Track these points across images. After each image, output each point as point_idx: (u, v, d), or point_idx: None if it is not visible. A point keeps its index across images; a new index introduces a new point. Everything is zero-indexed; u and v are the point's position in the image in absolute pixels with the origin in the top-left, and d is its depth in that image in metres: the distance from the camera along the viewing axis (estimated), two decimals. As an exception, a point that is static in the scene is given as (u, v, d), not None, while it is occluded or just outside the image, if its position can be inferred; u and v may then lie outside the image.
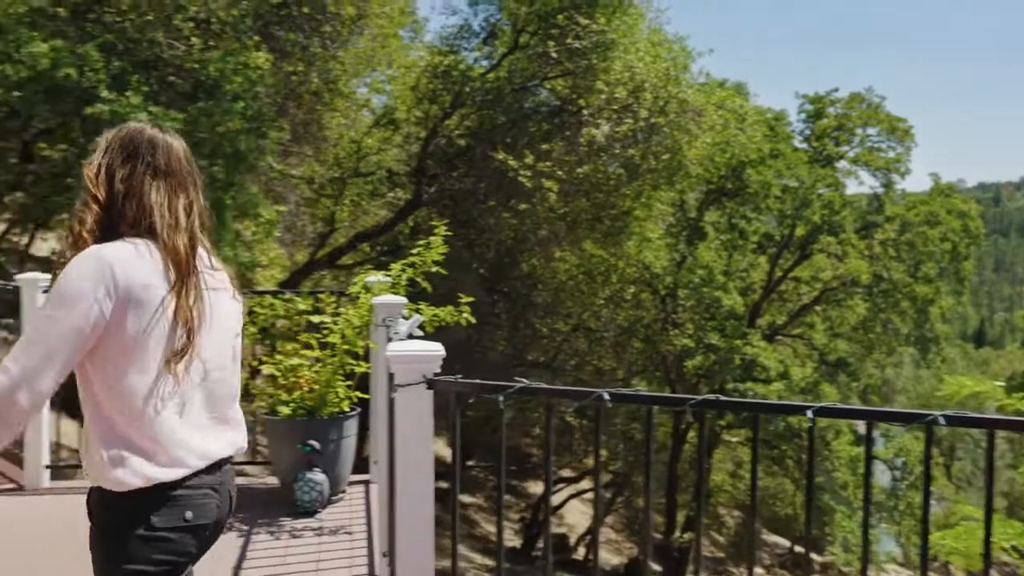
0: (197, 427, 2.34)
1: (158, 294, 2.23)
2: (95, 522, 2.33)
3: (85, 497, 2.37)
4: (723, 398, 2.65)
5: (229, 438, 2.46)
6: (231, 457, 2.47)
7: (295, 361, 5.95)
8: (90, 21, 11.81)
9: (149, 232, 2.29)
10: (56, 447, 6.68)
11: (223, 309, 2.44)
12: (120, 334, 2.20)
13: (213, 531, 2.41)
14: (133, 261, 2.23)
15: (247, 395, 5.91)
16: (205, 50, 12.05)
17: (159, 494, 2.25)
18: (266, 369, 5.97)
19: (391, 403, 3.43)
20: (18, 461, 6.02)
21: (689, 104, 16.92)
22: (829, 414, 2.80)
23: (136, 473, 2.23)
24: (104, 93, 10.53)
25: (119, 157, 2.33)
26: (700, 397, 2.55)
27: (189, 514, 2.28)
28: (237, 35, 12.57)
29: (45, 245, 22.05)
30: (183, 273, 2.28)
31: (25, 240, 18.84)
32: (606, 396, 2.69)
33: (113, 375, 2.22)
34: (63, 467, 6.52)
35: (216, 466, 2.39)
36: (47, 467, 5.91)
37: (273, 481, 6.12)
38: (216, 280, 2.44)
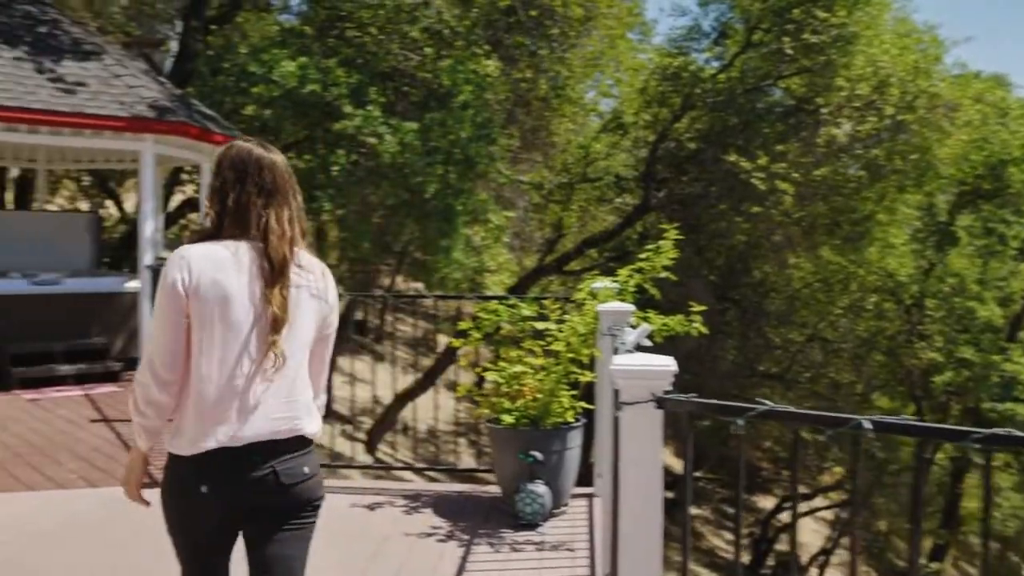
0: (258, 410, 2.54)
1: (234, 288, 2.51)
2: None
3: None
4: (1015, 433, 2.18)
5: (294, 424, 2.60)
6: (294, 440, 2.61)
7: (519, 368, 5.84)
8: (333, 37, 12.38)
9: (257, 239, 2.58)
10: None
11: (304, 305, 2.63)
12: (198, 320, 2.50)
13: (250, 508, 2.57)
14: (212, 259, 2.53)
15: (471, 400, 5.87)
16: (437, 59, 12.34)
17: (193, 462, 2.51)
18: (489, 376, 5.89)
19: (616, 421, 3.19)
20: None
21: (941, 99, 15.63)
22: None
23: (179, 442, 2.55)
24: (347, 107, 10.99)
25: (231, 177, 2.62)
26: (987, 431, 2.12)
27: (205, 488, 2.50)
28: (468, 43, 12.79)
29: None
30: (281, 275, 2.55)
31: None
32: (867, 425, 2.31)
33: (195, 354, 2.52)
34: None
35: (266, 447, 2.55)
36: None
37: (495, 490, 6.04)
38: (302, 278, 2.65)
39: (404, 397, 17.92)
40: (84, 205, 18.57)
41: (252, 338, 2.52)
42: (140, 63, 11.51)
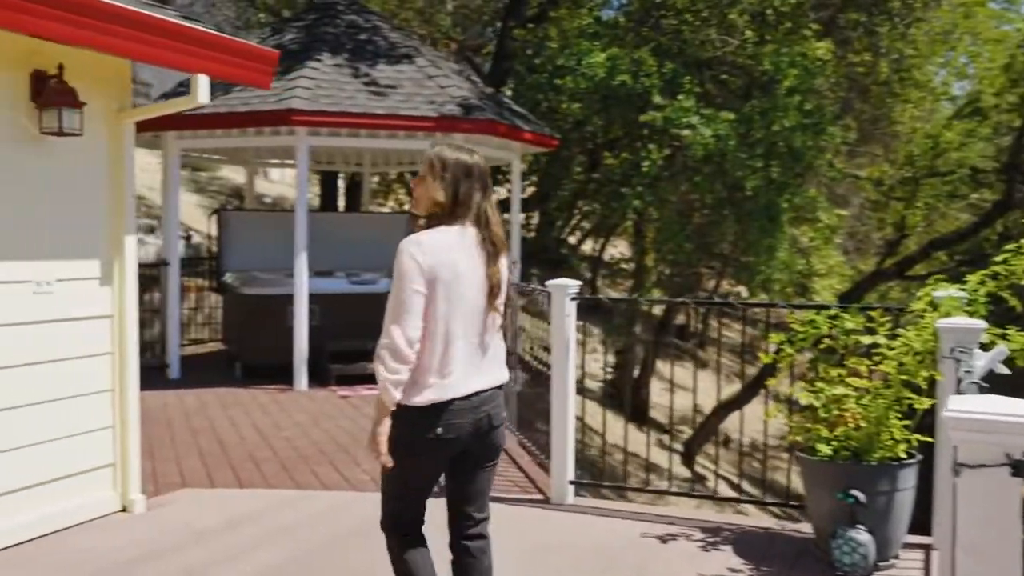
0: (480, 365, 3.09)
1: (462, 266, 3.00)
2: None
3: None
4: None
5: (499, 375, 3.18)
6: (496, 389, 3.16)
7: (839, 391, 4.90)
8: (646, 27, 11.80)
9: (474, 225, 3.06)
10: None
11: (504, 278, 3.16)
12: (434, 292, 2.95)
13: (466, 447, 3.08)
14: (444, 243, 3.00)
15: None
16: (759, 44, 11.36)
17: (430, 410, 2.98)
18: (803, 398, 5.00)
19: (953, 488, 2.28)
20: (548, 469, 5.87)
21: None
22: None
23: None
24: (656, 98, 10.37)
25: (459, 174, 3.05)
26: None
27: (440, 431, 2.99)
28: (795, 25, 11.67)
29: (615, 251, 23.35)
30: (499, 255, 3.09)
31: (587, 245, 20.00)
32: None
33: (431, 321, 2.96)
34: (587, 484, 6.26)
35: (483, 396, 3.08)
36: (571, 483, 5.65)
37: (807, 530, 5.14)
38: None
39: (726, 407, 16.99)
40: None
41: (476, 306, 3.05)
42: (452, 64, 11.64)
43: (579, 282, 5.63)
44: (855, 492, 4.56)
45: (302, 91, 8.92)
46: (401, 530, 3.17)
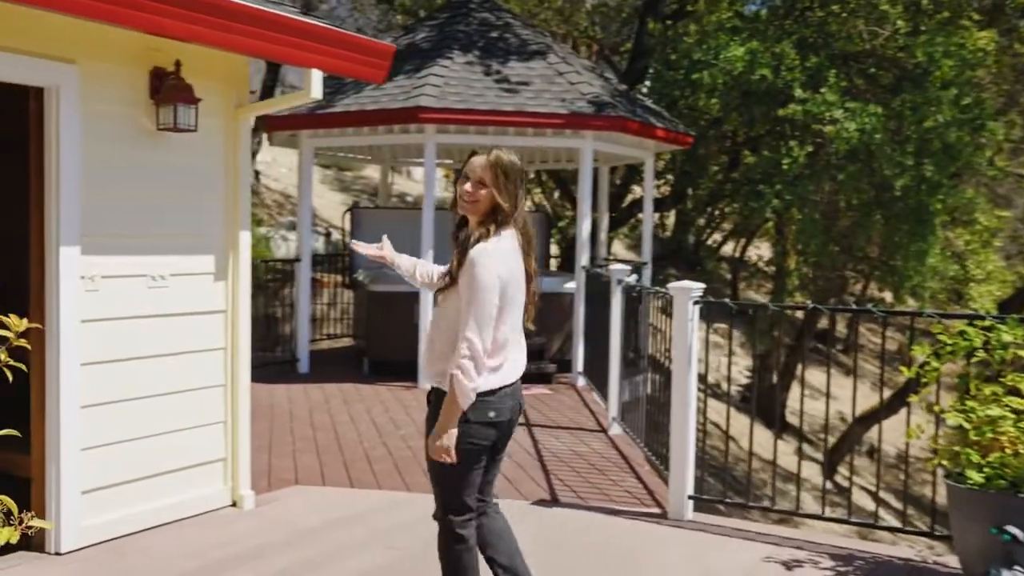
0: (521, 355, 3.30)
1: (517, 271, 3.17)
2: None
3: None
4: None
5: (524, 363, 3.33)
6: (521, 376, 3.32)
7: (994, 412, 4.41)
8: (789, 19, 11.24)
9: (515, 228, 3.19)
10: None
11: None
12: (503, 297, 3.10)
13: (508, 430, 3.29)
14: (512, 251, 3.16)
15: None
16: (911, 34, 10.63)
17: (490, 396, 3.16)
18: (951, 419, 4.53)
19: None
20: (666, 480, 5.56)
21: None
22: None
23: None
24: (798, 92, 9.84)
25: (518, 181, 3.17)
26: None
27: (492, 413, 3.17)
28: (953, 13, 10.86)
29: (757, 252, 22.55)
30: (532, 249, 3.26)
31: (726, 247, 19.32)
32: None
33: (498, 322, 3.11)
34: (707, 500, 5.90)
35: (519, 382, 3.29)
36: (690, 498, 5.33)
37: (954, 564, 4.66)
38: None
39: (870, 416, 16.13)
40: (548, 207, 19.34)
41: (521, 303, 3.23)
42: (585, 60, 11.39)
43: (703, 285, 5.30)
44: (1013, 529, 4.09)
45: (431, 88, 8.87)
46: (458, 525, 3.25)
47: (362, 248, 3.69)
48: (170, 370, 4.68)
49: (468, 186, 3.14)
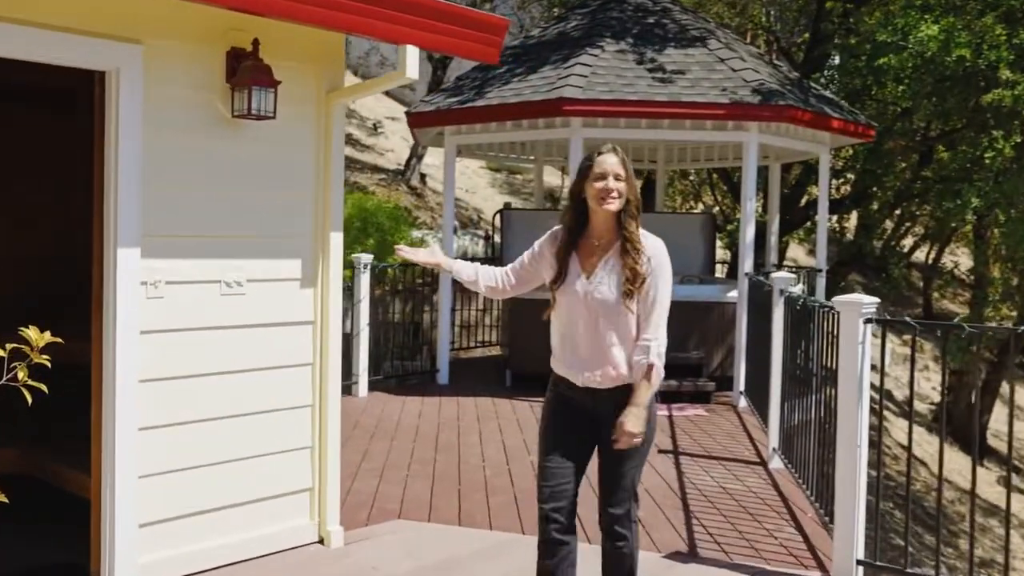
0: None
1: None
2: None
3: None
4: None
5: None
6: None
7: None
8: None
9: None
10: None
11: None
12: None
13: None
14: None
15: None
16: None
17: None
18: None
19: None
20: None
21: None
22: None
23: None
24: (1005, 74, 8.48)
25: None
26: None
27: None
28: None
29: (952, 258, 20.49)
30: None
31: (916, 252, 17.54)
32: None
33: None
34: (882, 568, 4.83)
35: None
36: (859, 563, 4.35)
37: None
38: None
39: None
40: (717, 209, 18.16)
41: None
42: (751, 46, 10.36)
43: (875, 300, 4.31)
44: None
45: (576, 79, 8.14)
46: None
47: (410, 254, 3.35)
48: (246, 388, 4.15)
49: (611, 182, 3.11)
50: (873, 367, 4.74)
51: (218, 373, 4.05)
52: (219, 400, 4.06)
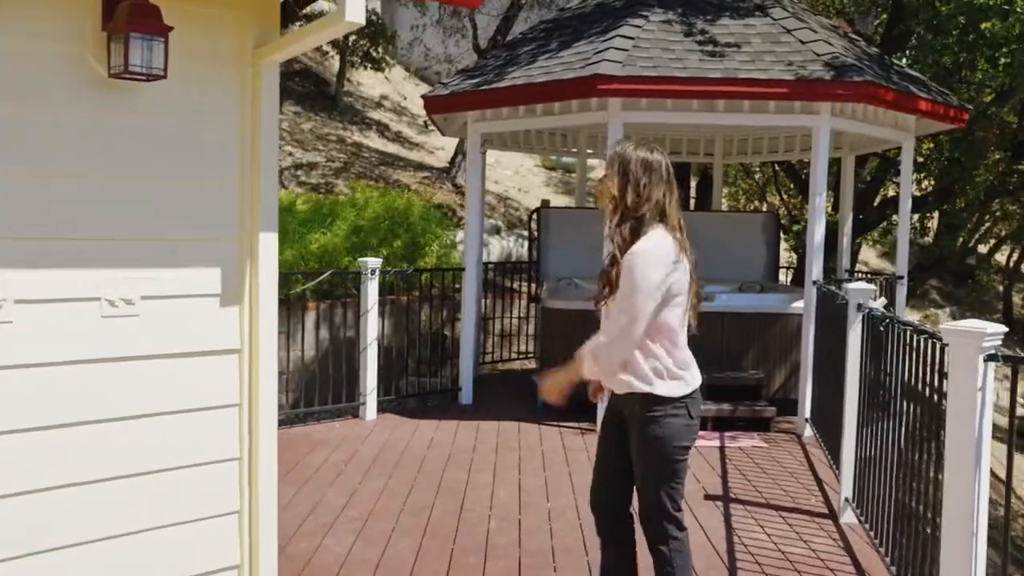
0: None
1: (678, 264, 3.13)
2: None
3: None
4: None
5: None
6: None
7: None
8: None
9: (660, 222, 3.14)
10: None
11: None
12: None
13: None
14: (669, 246, 3.10)
15: None
16: None
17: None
18: None
19: None
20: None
21: None
22: None
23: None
24: None
25: (654, 178, 3.15)
26: None
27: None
28: None
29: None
30: (688, 247, 3.18)
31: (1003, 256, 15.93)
32: None
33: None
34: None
35: None
36: None
37: None
38: None
39: None
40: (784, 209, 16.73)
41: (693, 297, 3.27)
42: (822, 17, 9.08)
43: (1002, 328, 3.10)
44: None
45: (615, 53, 7.01)
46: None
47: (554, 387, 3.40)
48: (140, 440, 3.12)
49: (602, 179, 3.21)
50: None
51: (95, 422, 3.02)
52: (99, 457, 3.03)
